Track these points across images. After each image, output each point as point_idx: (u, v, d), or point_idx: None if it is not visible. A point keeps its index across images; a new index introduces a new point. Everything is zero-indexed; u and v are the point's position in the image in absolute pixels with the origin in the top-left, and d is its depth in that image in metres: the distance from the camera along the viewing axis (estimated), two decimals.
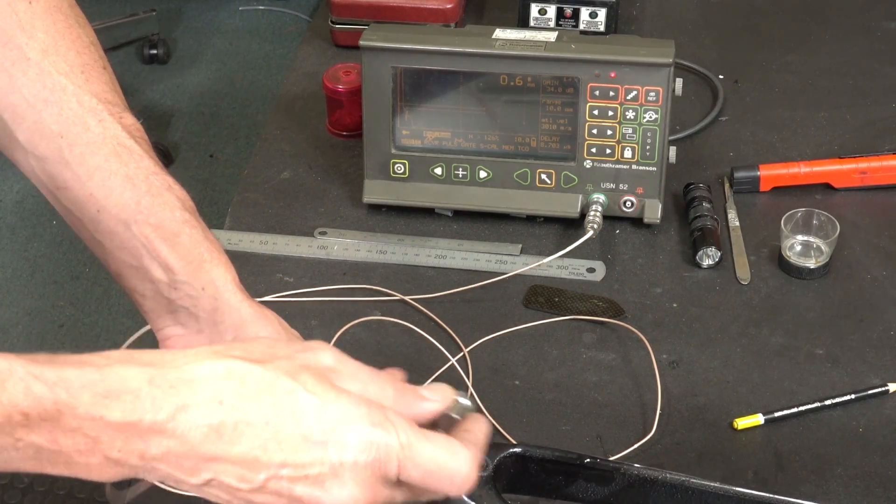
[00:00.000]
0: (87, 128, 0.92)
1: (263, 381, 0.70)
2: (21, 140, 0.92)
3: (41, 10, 0.93)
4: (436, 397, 0.79)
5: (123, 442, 0.68)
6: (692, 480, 0.86)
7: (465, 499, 0.75)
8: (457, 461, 0.74)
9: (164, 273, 0.91)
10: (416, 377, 1.16)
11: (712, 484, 0.86)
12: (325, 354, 0.75)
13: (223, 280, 0.91)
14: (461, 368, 1.17)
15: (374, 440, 0.72)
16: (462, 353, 1.18)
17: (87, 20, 0.97)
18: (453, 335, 1.20)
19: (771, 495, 0.86)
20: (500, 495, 0.79)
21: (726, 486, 0.86)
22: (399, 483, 0.74)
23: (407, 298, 1.25)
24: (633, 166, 1.31)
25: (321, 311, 1.24)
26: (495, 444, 0.81)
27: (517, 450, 0.85)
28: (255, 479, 0.70)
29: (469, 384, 1.15)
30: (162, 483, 0.74)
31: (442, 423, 0.80)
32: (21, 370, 0.66)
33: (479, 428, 0.80)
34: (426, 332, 1.21)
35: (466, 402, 0.80)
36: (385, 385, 0.77)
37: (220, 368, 0.70)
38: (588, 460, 0.85)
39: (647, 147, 1.29)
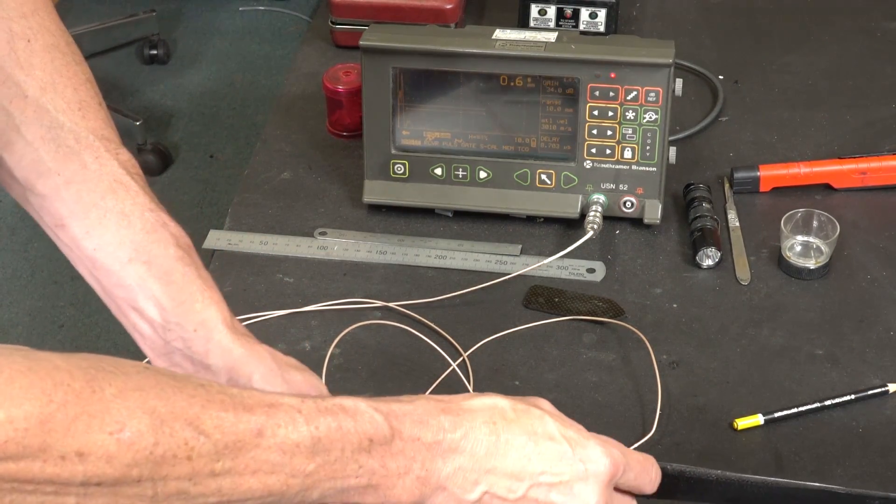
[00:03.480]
0: (84, 165, 0.93)
1: (519, 411, 0.85)
2: (19, 178, 0.94)
3: (39, 48, 0.94)
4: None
5: (430, 461, 0.81)
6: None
7: None
8: (649, 460, 0.91)
9: (157, 313, 0.93)
10: (418, 380, 1.16)
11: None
12: (544, 402, 0.89)
13: (215, 321, 0.93)
14: (461, 372, 1.17)
15: (607, 451, 0.86)
16: (461, 358, 1.18)
17: (83, 57, 0.98)
18: (452, 341, 1.20)
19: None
20: None
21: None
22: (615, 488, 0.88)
23: (403, 308, 1.25)
24: (633, 167, 1.31)
25: (321, 313, 1.24)
26: None
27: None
28: (520, 487, 0.83)
29: (470, 388, 1.15)
30: None
31: None
32: (364, 405, 0.79)
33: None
34: (426, 335, 1.21)
35: None
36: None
37: (489, 401, 0.84)
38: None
39: (647, 147, 1.30)
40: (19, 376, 0.65)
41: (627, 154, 1.30)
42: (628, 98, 1.28)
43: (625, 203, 1.32)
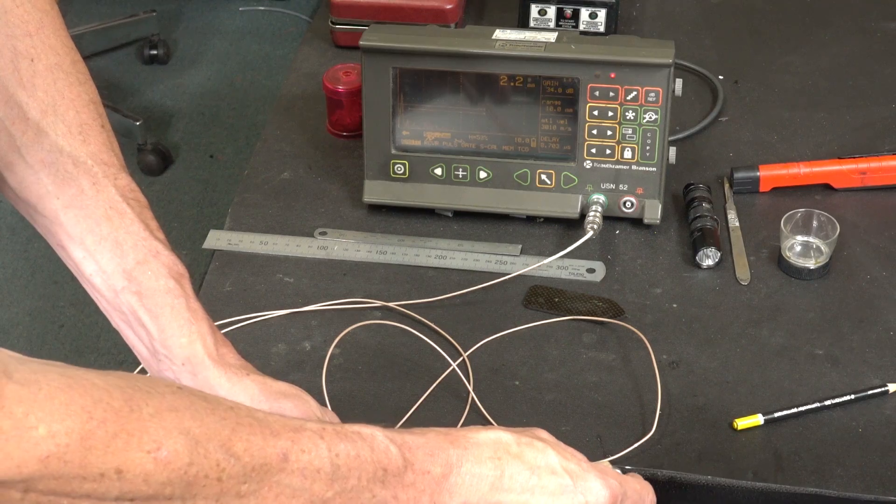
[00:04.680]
0: (82, 190, 0.94)
1: (523, 444, 0.87)
2: (23, 198, 0.95)
3: (43, 68, 0.94)
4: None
5: (438, 494, 0.83)
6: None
7: None
8: (646, 487, 0.93)
9: (148, 343, 0.94)
10: (418, 380, 1.16)
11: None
12: (543, 432, 0.91)
13: (201, 356, 0.94)
14: (461, 372, 1.17)
15: (606, 482, 0.88)
16: (461, 358, 1.18)
17: (88, 76, 0.98)
18: (452, 341, 1.20)
19: None
20: None
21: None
22: None
23: (403, 308, 1.25)
24: (633, 167, 1.31)
25: (321, 313, 1.24)
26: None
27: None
28: None
29: (470, 388, 1.15)
30: None
31: None
32: (380, 435, 0.81)
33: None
34: (426, 335, 1.21)
35: None
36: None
37: (493, 435, 0.86)
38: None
39: (647, 147, 1.30)
40: (59, 393, 0.66)
41: (627, 154, 1.30)
42: (628, 98, 1.28)
43: (625, 203, 1.32)
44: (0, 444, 0.63)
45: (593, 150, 1.31)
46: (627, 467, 1.00)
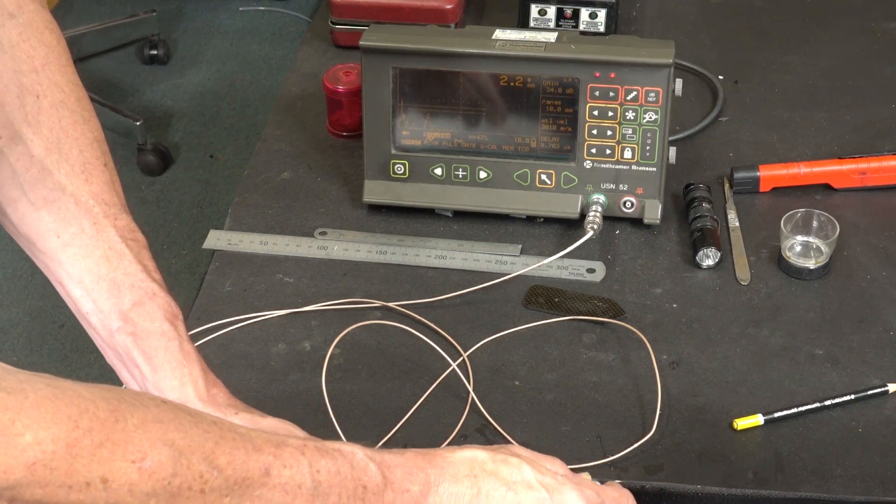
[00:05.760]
0: (82, 230, 0.95)
1: (498, 461, 0.88)
2: (22, 234, 0.96)
3: (48, 105, 0.95)
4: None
5: None
6: None
7: None
8: (625, 494, 0.95)
9: (141, 381, 0.96)
10: (418, 380, 1.16)
11: None
12: (520, 448, 0.92)
13: (191, 398, 0.95)
14: (461, 372, 1.17)
15: (582, 494, 0.89)
16: (461, 358, 1.18)
17: (93, 113, 0.99)
18: (452, 341, 1.20)
19: None
20: None
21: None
22: None
23: (403, 308, 1.25)
24: (633, 167, 1.31)
25: (321, 313, 1.24)
26: None
27: None
28: None
29: (470, 388, 1.15)
30: None
31: None
32: (360, 453, 0.83)
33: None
34: (426, 335, 1.21)
35: None
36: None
37: (469, 454, 0.88)
38: None
39: (647, 147, 1.30)
40: (46, 402, 0.67)
41: (627, 154, 1.30)
42: (628, 98, 1.28)
43: (625, 203, 1.32)
44: None
45: (593, 150, 1.31)
46: (608, 480, 1.00)
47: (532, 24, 1.62)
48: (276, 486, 0.76)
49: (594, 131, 1.30)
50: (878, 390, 1.13)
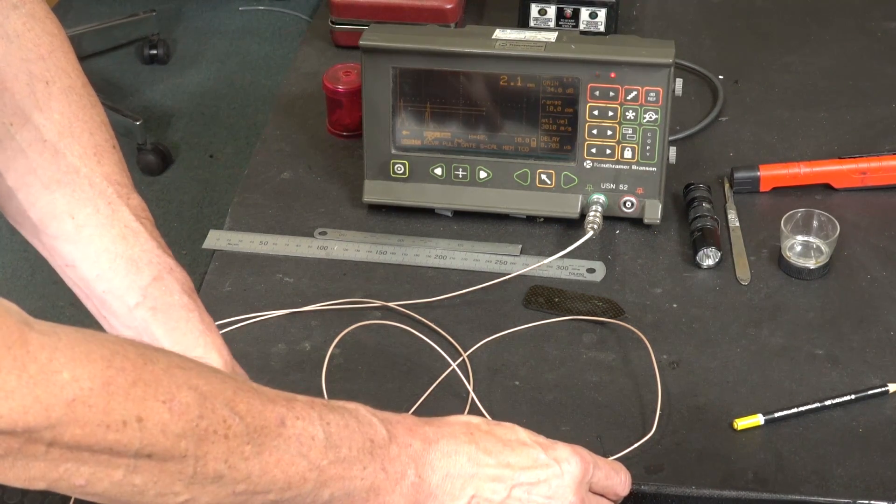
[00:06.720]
0: (97, 210, 0.96)
1: (492, 423, 0.92)
2: (33, 218, 0.96)
3: (57, 91, 0.96)
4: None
5: (422, 468, 0.86)
6: None
7: None
8: (620, 466, 0.98)
9: None
10: (418, 380, 1.16)
11: None
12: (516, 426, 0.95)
13: (217, 365, 0.95)
14: (461, 372, 1.17)
15: (575, 450, 0.93)
16: (461, 358, 1.18)
17: (97, 98, 1.00)
18: (452, 341, 1.20)
19: None
20: None
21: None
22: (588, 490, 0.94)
23: (403, 308, 1.25)
24: (633, 166, 1.31)
25: (321, 313, 1.24)
26: None
27: None
28: (504, 489, 0.89)
29: (470, 388, 1.15)
30: None
31: None
32: (363, 409, 0.86)
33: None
34: (426, 335, 1.21)
35: None
36: None
37: (463, 418, 0.92)
38: None
39: (647, 147, 1.29)
40: (78, 343, 0.69)
41: (627, 154, 1.30)
42: (628, 98, 1.28)
43: (625, 203, 1.32)
44: (28, 388, 0.66)
45: (593, 150, 1.31)
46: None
47: (532, 23, 1.62)
48: (292, 437, 0.79)
49: (594, 131, 1.30)
50: (879, 390, 1.13)
